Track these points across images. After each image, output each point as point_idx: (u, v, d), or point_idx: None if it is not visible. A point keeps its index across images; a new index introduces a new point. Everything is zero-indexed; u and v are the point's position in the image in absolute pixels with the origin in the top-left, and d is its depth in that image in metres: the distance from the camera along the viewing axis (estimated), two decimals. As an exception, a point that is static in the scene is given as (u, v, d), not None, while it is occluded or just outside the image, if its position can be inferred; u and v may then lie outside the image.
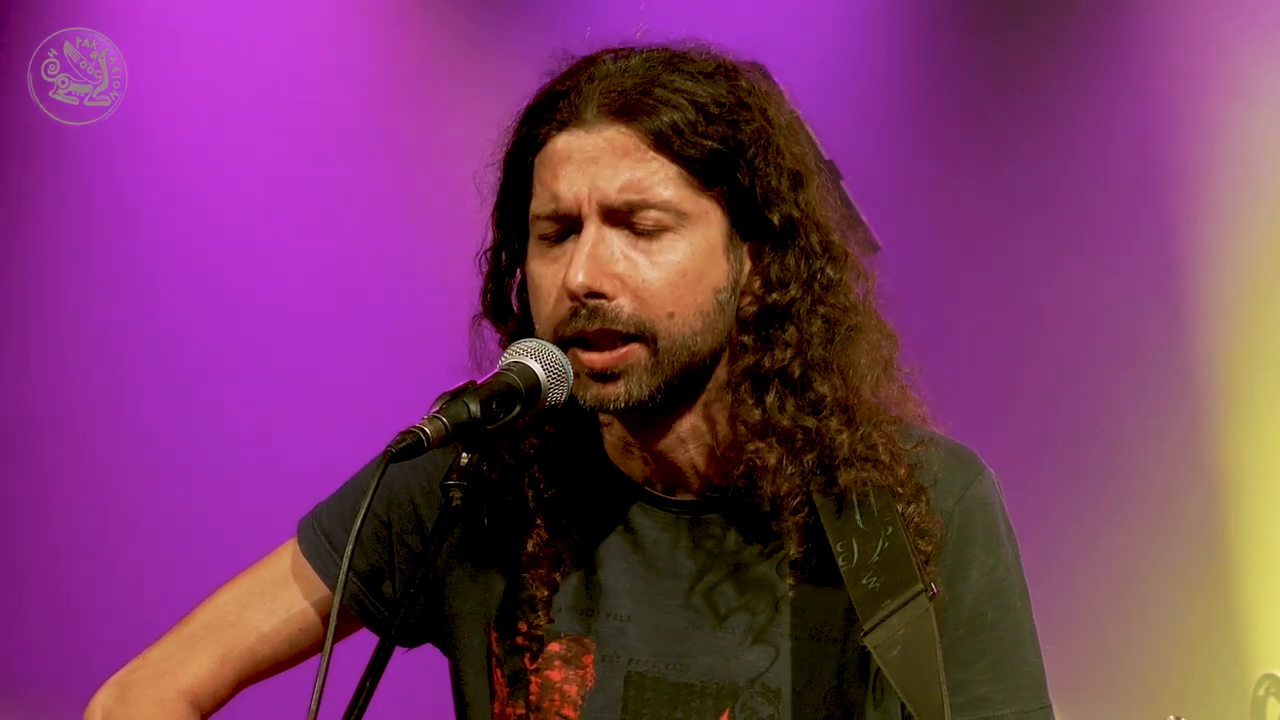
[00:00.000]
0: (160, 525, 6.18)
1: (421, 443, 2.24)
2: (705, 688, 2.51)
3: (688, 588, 2.53)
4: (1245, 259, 6.21)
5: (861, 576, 2.42)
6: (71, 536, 6.21)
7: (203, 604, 2.68)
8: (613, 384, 2.42)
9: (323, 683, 2.17)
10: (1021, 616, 2.53)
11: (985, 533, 2.52)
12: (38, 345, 6.27)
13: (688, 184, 2.42)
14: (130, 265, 6.29)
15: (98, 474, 6.24)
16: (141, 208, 6.31)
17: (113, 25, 6.09)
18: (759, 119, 2.46)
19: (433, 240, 6.28)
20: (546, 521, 2.55)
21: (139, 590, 5.92)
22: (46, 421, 6.24)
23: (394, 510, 2.63)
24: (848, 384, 2.48)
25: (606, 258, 2.40)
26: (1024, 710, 2.51)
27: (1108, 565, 6.23)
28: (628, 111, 2.40)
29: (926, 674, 2.35)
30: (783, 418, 2.45)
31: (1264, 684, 5.83)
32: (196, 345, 6.29)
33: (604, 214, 2.41)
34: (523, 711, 2.56)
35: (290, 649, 2.66)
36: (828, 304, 2.48)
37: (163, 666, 2.63)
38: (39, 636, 6.08)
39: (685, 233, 2.43)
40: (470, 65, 6.42)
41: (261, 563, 2.69)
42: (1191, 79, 6.22)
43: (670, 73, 2.44)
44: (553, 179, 2.43)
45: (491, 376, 2.36)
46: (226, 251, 6.33)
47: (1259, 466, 6.19)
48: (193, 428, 6.25)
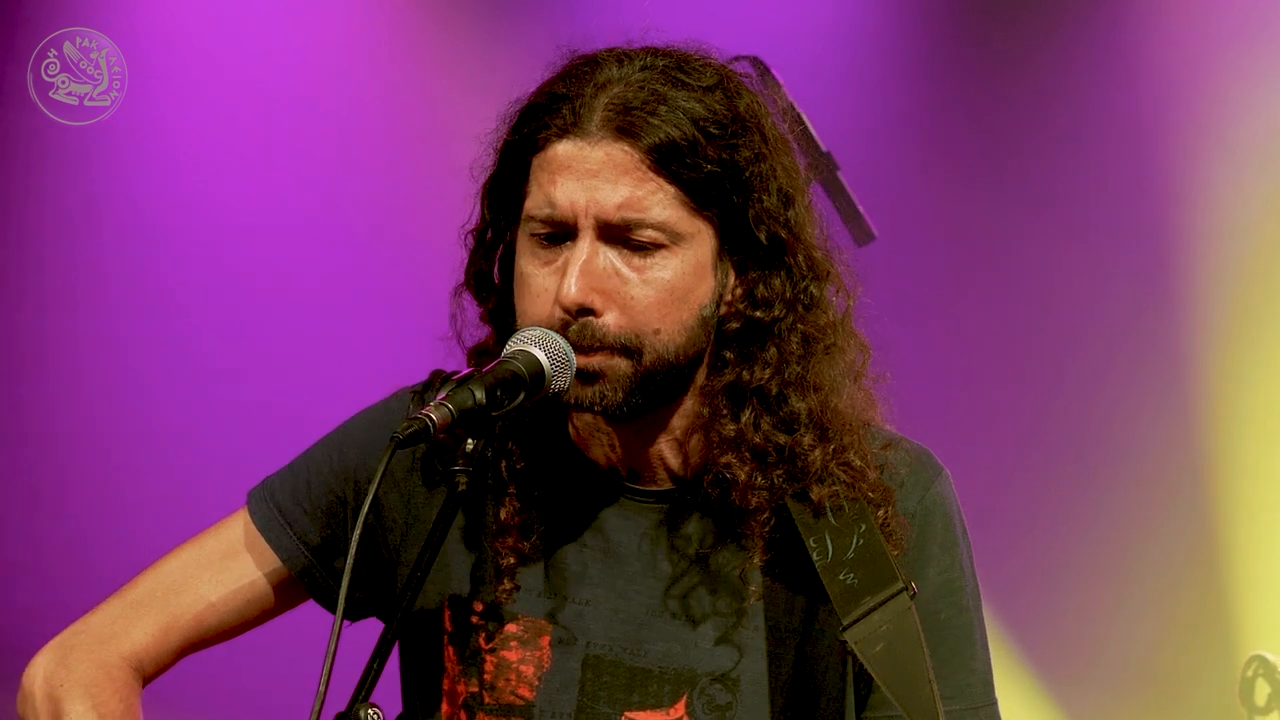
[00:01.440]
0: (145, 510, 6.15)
1: (428, 429, 2.28)
2: (664, 673, 2.55)
3: (649, 575, 2.56)
4: (1236, 247, 6.24)
5: (838, 572, 2.47)
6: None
7: (146, 571, 2.67)
8: (591, 385, 2.46)
9: (331, 661, 2.19)
10: (972, 616, 2.59)
11: (944, 533, 2.58)
12: (37, 345, 6.26)
13: (684, 205, 2.46)
14: (130, 265, 6.29)
15: (92, 473, 6.24)
16: (141, 207, 6.31)
17: (113, 25, 6.06)
18: (756, 137, 2.49)
19: (431, 239, 6.31)
20: (519, 491, 2.57)
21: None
22: (46, 420, 6.25)
23: (349, 486, 2.64)
24: (822, 401, 2.51)
25: (599, 273, 2.44)
26: (971, 706, 2.57)
27: (1100, 550, 6.26)
28: (630, 129, 2.43)
29: (914, 670, 2.40)
30: (756, 435, 2.49)
31: (1252, 664, 5.88)
32: (196, 344, 6.30)
33: (599, 228, 2.45)
34: (476, 689, 2.57)
35: (237, 619, 2.66)
36: (808, 322, 2.52)
37: (105, 632, 2.62)
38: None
39: (678, 251, 2.46)
40: (473, 64, 6.42)
41: (209, 532, 2.69)
42: (1187, 73, 6.23)
43: (674, 88, 2.46)
44: (550, 184, 2.46)
45: (496, 364, 2.39)
46: (227, 251, 6.32)
47: (1248, 452, 6.23)
48: (190, 426, 6.25)
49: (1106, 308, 6.30)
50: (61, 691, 2.58)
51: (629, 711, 2.55)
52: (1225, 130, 6.23)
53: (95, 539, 6.07)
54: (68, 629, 2.65)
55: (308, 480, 2.66)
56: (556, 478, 2.59)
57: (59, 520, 6.23)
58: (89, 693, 2.57)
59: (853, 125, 5.99)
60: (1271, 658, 5.86)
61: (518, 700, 2.56)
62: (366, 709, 2.19)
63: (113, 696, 2.57)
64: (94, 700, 2.56)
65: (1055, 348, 6.36)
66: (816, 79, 2.51)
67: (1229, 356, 6.26)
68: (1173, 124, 6.26)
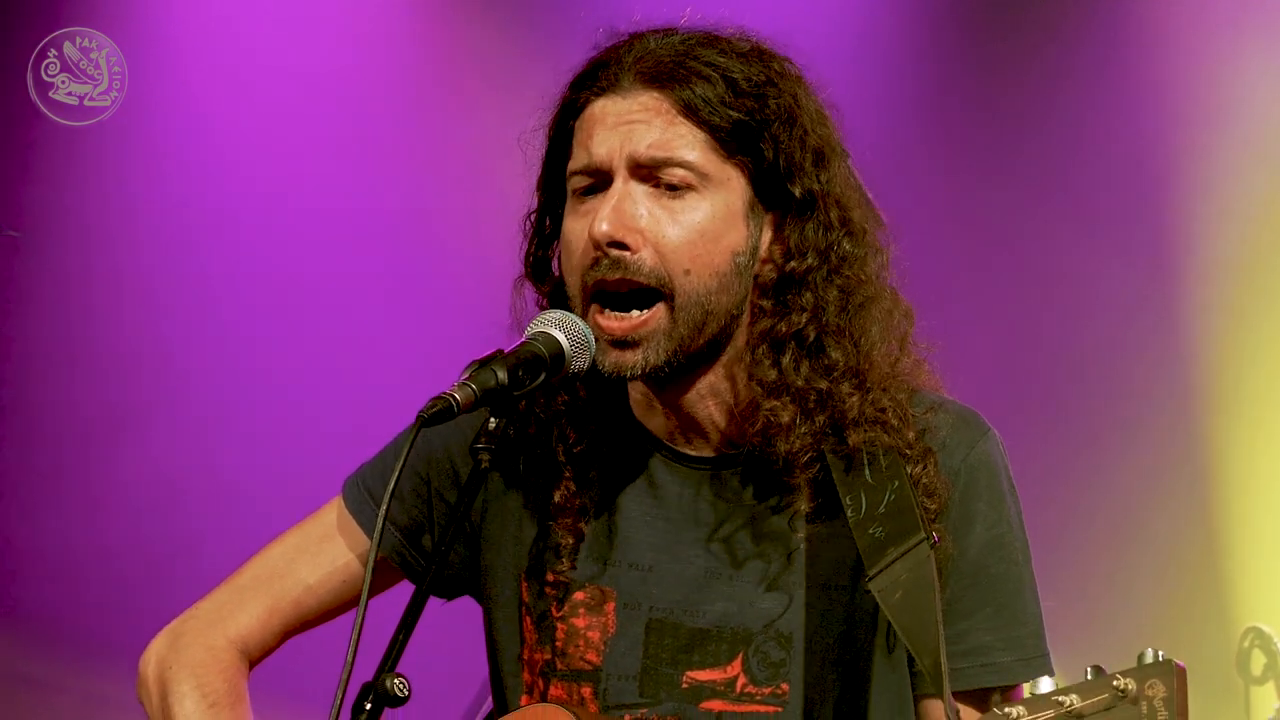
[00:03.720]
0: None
1: (451, 408, 2.36)
2: (721, 633, 2.62)
3: (705, 539, 2.63)
4: (1236, 231, 6.30)
5: (868, 527, 2.53)
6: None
7: (252, 559, 2.78)
8: (630, 351, 2.54)
9: (359, 633, 2.24)
10: (1023, 570, 2.64)
11: (989, 490, 2.62)
12: (37, 344, 6.29)
13: (713, 150, 2.54)
14: (130, 264, 6.32)
15: (86, 472, 6.27)
16: (141, 207, 6.34)
17: (113, 25, 6.10)
18: (787, 98, 2.57)
19: (431, 239, 6.37)
20: (574, 474, 2.65)
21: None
22: (45, 418, 6.28)
23: (433, 468, 2.73)
24: (859, 351, 2.58)
25: (631, 212, 2.53)
26: (1023, 658, 2.62)
27: (1100, 524, 6.32)
28: (661, 79, 2.54)
29: (925, 615, 2.44)
30: (797, 378, 2.56)
31: (1249, 636, 5.96)
32: (195, 343, 6.33)
33: (632, 168, 2.53)
34: (549, 656, 2.67)
35: (335, 600, 2.76)
36: (843, 275, 2.59)
37: (213, 616, 2.74)
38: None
39: (707, 194, 2.54)
40: (469, 62, 6.48)
41: (308, 519, 2.80)
42: (1189, 63, 6.28)
43: (706, 48, 2.57)
44: (588, 138, 2.55)
45: (518, 345, 2.47)
46: (227, 250, 6.36)
47: (1246, 429, 6.29)
48: (191, 423, 6.29)
49: (1109, 290, 6.34)
50: (170, 674, 2.70)
51: (689, 671, 2.63)
52: (1226, 118, 6.27)
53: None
54: (180, 616, 2.77)
55: (393, 464, 2.69)
56: (616, 450, 2.66)
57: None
58: (195, 674, 2.69)
59: (859, 116, 5.98)
60: (1267, 629, 5.93)
61: (586, 665, 2.65)
62: (393, 679, 2.22)
63: (218, 677, 2.68)
64: (199, 680, 2.68)
65: (1057, 328, 6.41)
66: (825, 70, 2.55)
67: (1228, 337, 6.31)
68: (1175, 112, 6.30)
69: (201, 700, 2.67)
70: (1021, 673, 2.62)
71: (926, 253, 2.83)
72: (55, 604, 6.18)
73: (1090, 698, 2.20)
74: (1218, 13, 6.28)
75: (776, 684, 2.62)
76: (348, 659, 2.22)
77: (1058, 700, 2.21)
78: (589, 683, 2.65)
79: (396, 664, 2.25)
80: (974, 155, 6.45)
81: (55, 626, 6.18)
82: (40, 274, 6.31)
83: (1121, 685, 2.20)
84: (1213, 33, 6.27)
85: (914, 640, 2.45)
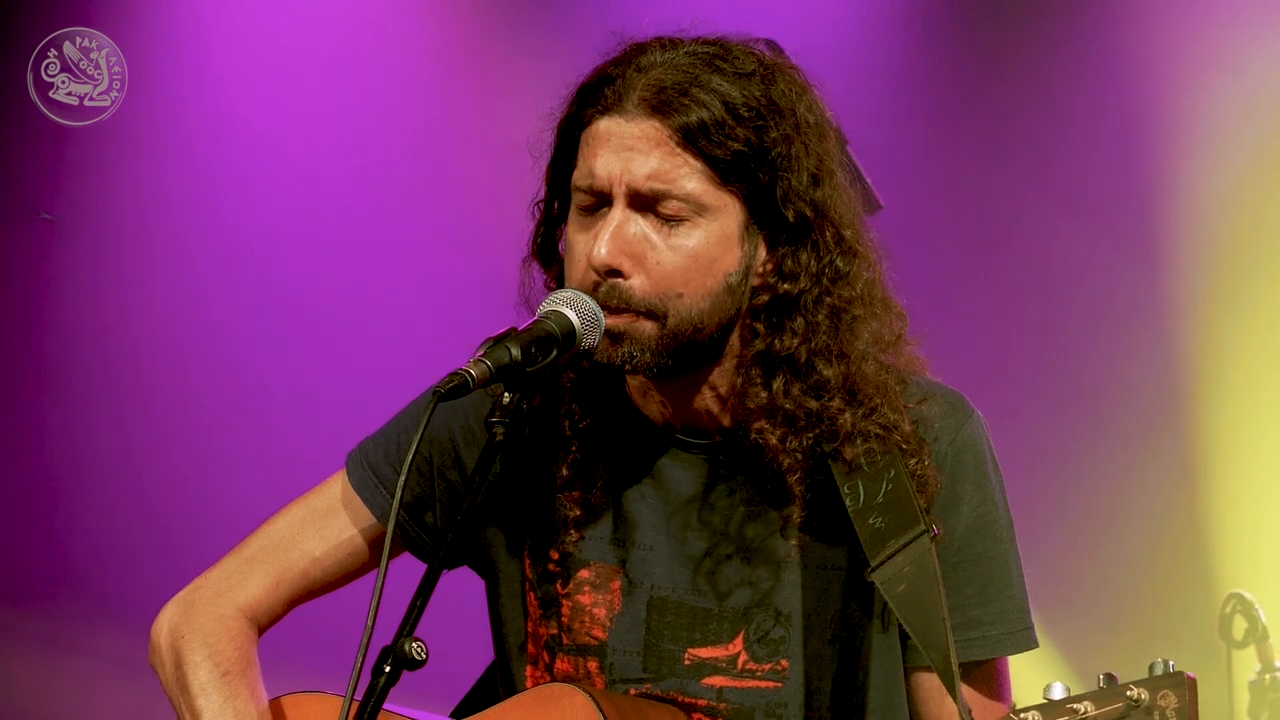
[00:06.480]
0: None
1: (467, 384, 2.42)
2: (722, 611, 2.70)
3: (704, 519, 2.71)
4: (1220, 224, 6.39)
5: (868, 517, 2.61)
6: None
7: (258, 530, 2.86)
8: (618, 345, 2.60)
9: (377, 603, 2.31)
10: (1008, 548, 2.73)
11: (975, 471, 2.71)
12: (37, 344, 6.32)
13: (710, 180, 2.59)
14: (130, 264, 6.35)
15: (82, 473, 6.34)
16: (141, 207, 6.35)
17: (113, 25, 6.09)
18: (787, 121, 2.62)
19: (429, 237, 6.41)
20: (579, 448, 2.72)
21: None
22: (45, 417, 6.33)
23: (435, 447, 2.81)
24: (850, 367, 2.63)
25: (628, 238, 2.59)
26: (1009, 631, 2.71)
27: (1085, 493, 6.41)
28: (663, 107, 2.57)
29: (930, 608, 2.52)
30: (787, 401, 2.62)
31: (1230, 602, 6.02)
32: (194, 343, 6.36)
33: (631, 197, 2.59)
34: (555, 631, 2.75)
35: (340, 571, 2.84)
36: (835, 295, 2.63)
37: (222, 586, 2.82)
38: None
39: (703, 222, 2.60)
40: (465, 61, 6.52)
41: (312, 492, 2.87)
42: (1179, 57, 6.34)
43: (709, 72, 2.60)
44: (592, 156, 2.61)
45: (531, 323, 2.54)
46: (226, 250, 6.38)
47: (1228, 399, 6.38)
48: (188, 423, 6.33)
49: (1096, 269, 6.41)
50: (183, 643, 2.77)
51: (692, 648, 2.71)
52: (1213, 112, 6.33)
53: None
54: (190, 584, 2.84)
55: (397, 442, 2.83)
56: (616, 433, 2.73)
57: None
58: (207, 642, 2.76)
59: (858, 105, 6.00)
60: (1249, 596, 6.00)
61: (592, 641, 2.73)
62: (411, 643, 2.29)
63: (229, 645, 2.76)
64: (211, 649, 2.76)
65: (1045, 306, 6.49)
66: (826, 62, 2.62)
67: (1209, 312, 6.40)
68: (1162, 106, 6.36)
69: (215, 669, 2.74)
70: (1009, 645, 2.72)
71: (911, 243, 2.90)
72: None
73: (1104, 706, 2.27)
74: (1206, 6, 6.34)
75: (776, 660, 2.69)
76: (368, 624, 2.27)
77: (1071, 707, 2.28)
78: (595, 657, 2.73)
79: (414, 628, 2.31)
80: (963, 147, 6.51)
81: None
82: (40, 274, 6.34)
83: (1135, 695, 2.27)
84: (1201, 27, 6.32)
85: (921, 635, 2.53)
